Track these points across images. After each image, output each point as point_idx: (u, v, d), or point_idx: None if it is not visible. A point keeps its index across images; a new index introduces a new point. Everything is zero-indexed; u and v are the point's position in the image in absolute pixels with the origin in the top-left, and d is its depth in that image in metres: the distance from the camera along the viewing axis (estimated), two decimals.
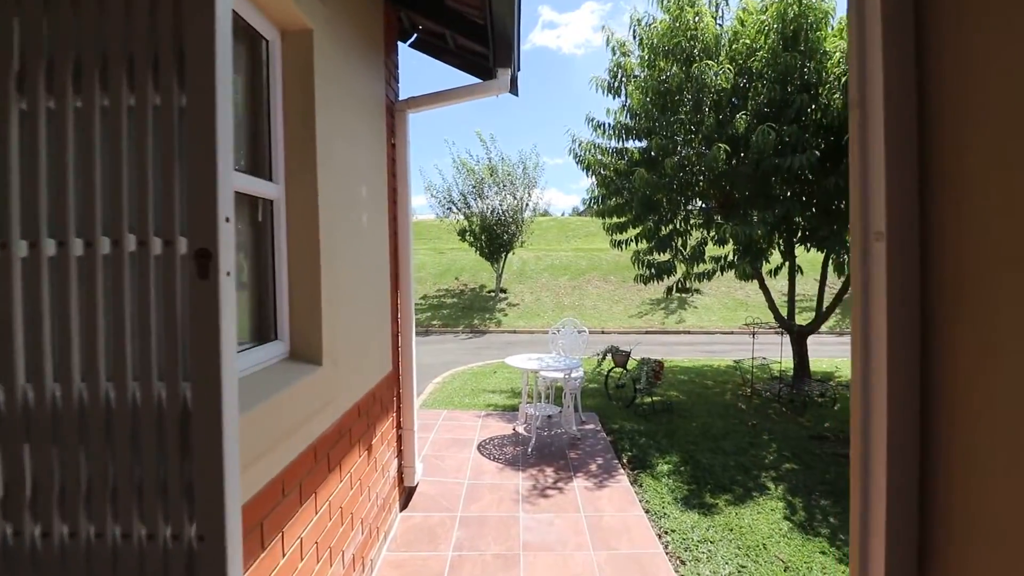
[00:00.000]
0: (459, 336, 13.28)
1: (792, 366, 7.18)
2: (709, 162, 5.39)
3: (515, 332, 13.89)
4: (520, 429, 5.13)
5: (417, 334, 13.33)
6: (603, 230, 7.22)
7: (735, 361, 7.91)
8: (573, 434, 4.97)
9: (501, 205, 15.67)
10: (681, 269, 6.84)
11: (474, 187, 15.65)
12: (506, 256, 16.48)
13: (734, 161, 5.82)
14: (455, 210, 16.14)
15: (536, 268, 18.46)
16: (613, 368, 6.47)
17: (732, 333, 13.68)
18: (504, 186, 15.61)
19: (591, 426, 5.36)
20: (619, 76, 6.57)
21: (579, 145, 6.98)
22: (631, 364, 6.38)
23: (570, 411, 4.94)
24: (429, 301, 16.17)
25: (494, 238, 15.56)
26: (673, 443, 4.91)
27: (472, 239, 15.97)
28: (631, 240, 7.10)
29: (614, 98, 6.70)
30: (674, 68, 5.60)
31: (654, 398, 6.06)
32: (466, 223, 16.19)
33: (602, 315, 14.97)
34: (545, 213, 30.20)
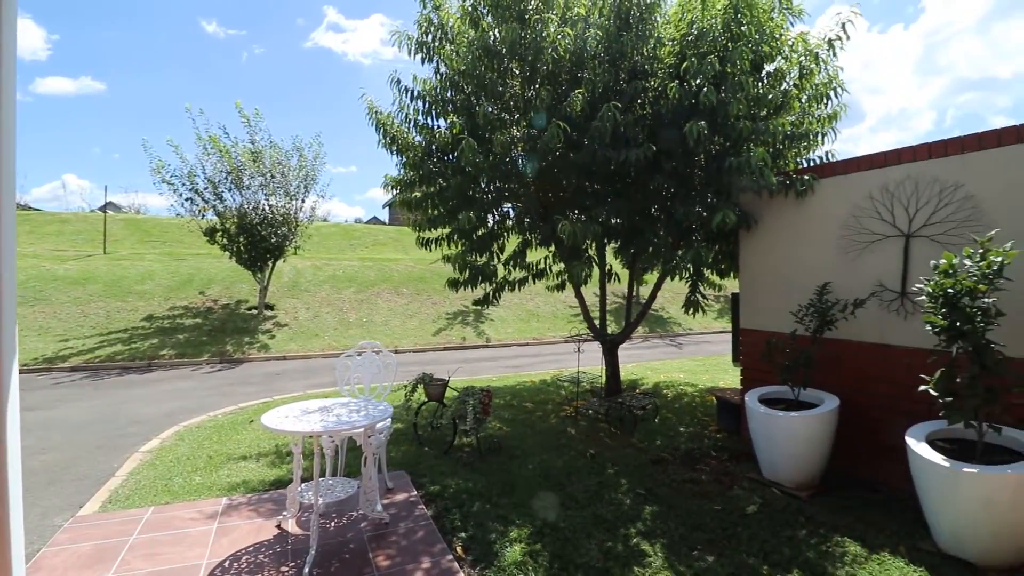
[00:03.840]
0: (203, 369, 9.95)
1: (604, 377, 6.81)
2: (544, 143, 4.41)
3: (285, 358, 11.15)
4: (290, 525, 3.20)
5: (134, 371, 9.51)
6: (409, 227, 5.73)
7: (554, 376, 7.22)
8: (378, 518, 3.29)
9: (268, 200, 12.63)
10: (501, 273, 5.78)
11: (230, 174, 12.25)
12: (274, 264, 13.41)
13: (558, 153, 5.02)
14: (201, 202, 12.41)
15: (315, 279, 15.69)
16: (426, 402, 4.98)
17: (528, 344, 13.54)
18: (273, 177, 12.63)
19: (402, 495, 3.75)
20: (431, 34, 5.21)
21: (379, 114, 5.37)
22: (449, 395, 4.99)
23: (373, 483, 3.25)
24: (157, 323, 12.03)
25: (258, 241, 12.41)
26: (515, 503, 3.66)
27: (226, 241, 12.48)
28: (443, 240, 5.76)
29: (423, 62, 5.30)
30: (508, 24, 4.47)
31: (480, 435, 4.77)
32: (217, 221, 12.62)
33: (394, 332, 13.28)
34: (324, 220, 26.95)
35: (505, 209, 6.01)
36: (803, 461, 3.78)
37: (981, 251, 2.91)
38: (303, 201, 13.43)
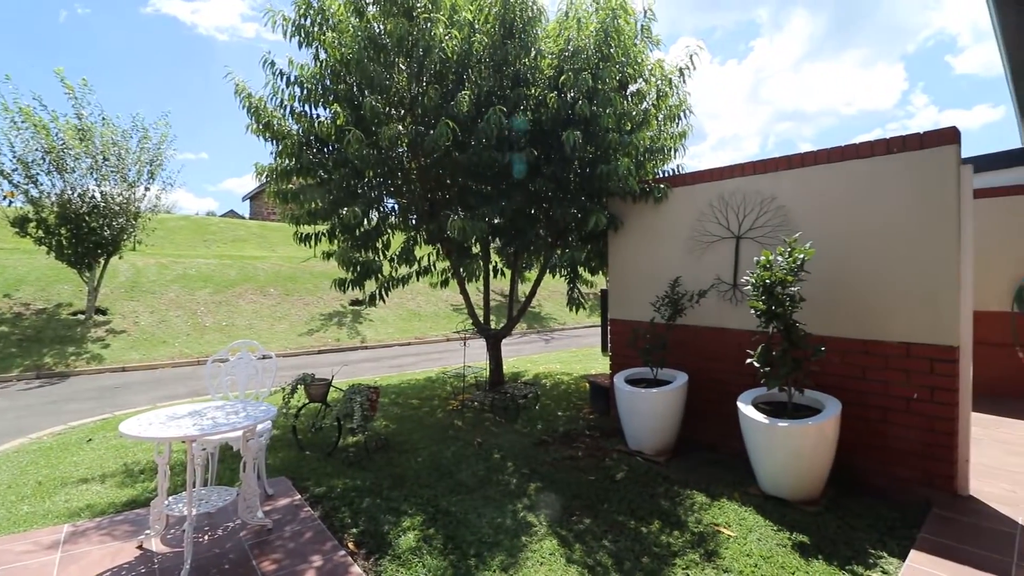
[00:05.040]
0: (14, 386, 8.26)
1: (488, 371, 7.06)
2: (431, 142, 4.48)
3: (125, 370, 9.70)
4: (154, 544, 2.88)
5: None
6: (286, 220, 5.39)
7: (439, 373, 7.29)
8: (260, 524, 3.11)
9: (99, 186, 10.84)
10: (388, 270, 5.71)
11: (48, 154, 10.28)
12: (107, 261, 11.56)
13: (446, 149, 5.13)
14: (8, 186, 10.24)
15: (160, 279, 13.80)
16: (306, 404, 4.75)
17: (410, 344, 13.37)
18: (105, 159, 10.86)
19: (284, 500, 3.57)
20: (310, 17, 4.97)
21: (250, 96, 4.99)
22: (331, 397, 4.81)
23: (253, 488, 3.06)
24: None
25: (85, 234, 10.58)
26: (407, 494, 3.70)
27: (43, 234, 10.46)
28: (323, 235, 5.53)
29: (301, 46, 5.05)
30: (396, 20, 4.45)
31: (367, 434, 4.68)
32: (30, 209, 10.53)
33: (261, 335, 12.23)
34: (168, 212, 23.76)
35: (390, 205, 5.95)
36: (660, 431, 4.36)
37: (789, 250, 3.64)
38: (146, 189, 11.76)
